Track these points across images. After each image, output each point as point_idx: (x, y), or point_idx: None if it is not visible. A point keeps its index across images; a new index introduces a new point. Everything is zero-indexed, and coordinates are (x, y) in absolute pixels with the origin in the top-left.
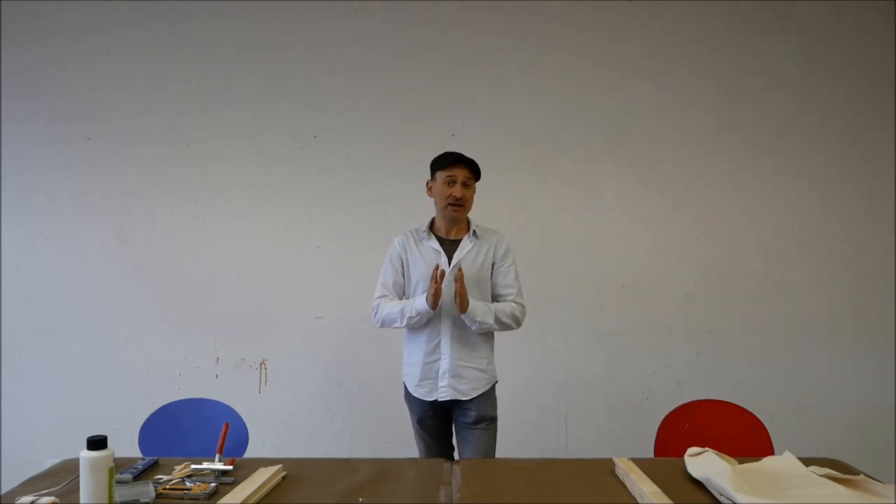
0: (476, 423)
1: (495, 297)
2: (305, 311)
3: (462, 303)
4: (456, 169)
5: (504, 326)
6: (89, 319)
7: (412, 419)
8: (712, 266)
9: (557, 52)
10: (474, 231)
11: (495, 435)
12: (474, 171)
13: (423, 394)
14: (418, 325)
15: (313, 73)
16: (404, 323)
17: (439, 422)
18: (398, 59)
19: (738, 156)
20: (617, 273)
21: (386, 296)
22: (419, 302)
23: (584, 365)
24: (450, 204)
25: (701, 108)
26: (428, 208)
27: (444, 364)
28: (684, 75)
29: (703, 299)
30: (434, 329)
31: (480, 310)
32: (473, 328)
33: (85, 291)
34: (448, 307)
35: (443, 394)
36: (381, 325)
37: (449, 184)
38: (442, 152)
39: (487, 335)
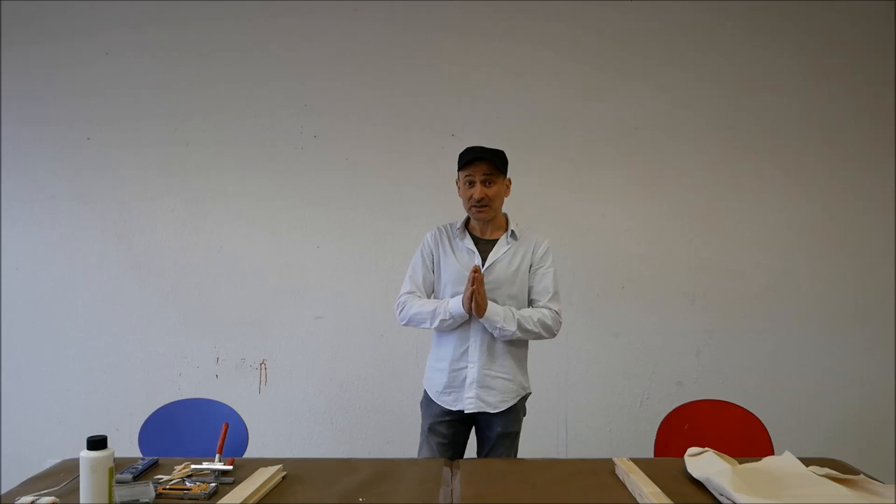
0: (499, 438)
1: (529, 302)
2: (305, 311)
3: (478, 307)
4: (473, 168)
5: (530, 335)
6: (89, 319)
7: (423, 426)
8: (712, 266)
9: (558, 53)
10: (513, 231)
11: (517, 450)
12: (498, 163)
13: (448, 402)
14: (449, 329)
15: (313, 74)
16: (435, 325)
17: (454, 430)
18: (398, 60)
19: (738, 156)
20: (617, 273)
21: (414, 292)
22: (454, 305)
23: (584, 365)
24: (472, 206)
25: (701, 108)
26: (428, 207)
27: (472, 373)
28: (684, 76)
29: (703, 299)
30: (463, 334)
31: (501, 315)
32: (495, 335)
33: (85, 292)
34: None
35: (469, 405)
36: (407, 324)
37: (469, 184)
38: (465, 148)
39: (520, 342)
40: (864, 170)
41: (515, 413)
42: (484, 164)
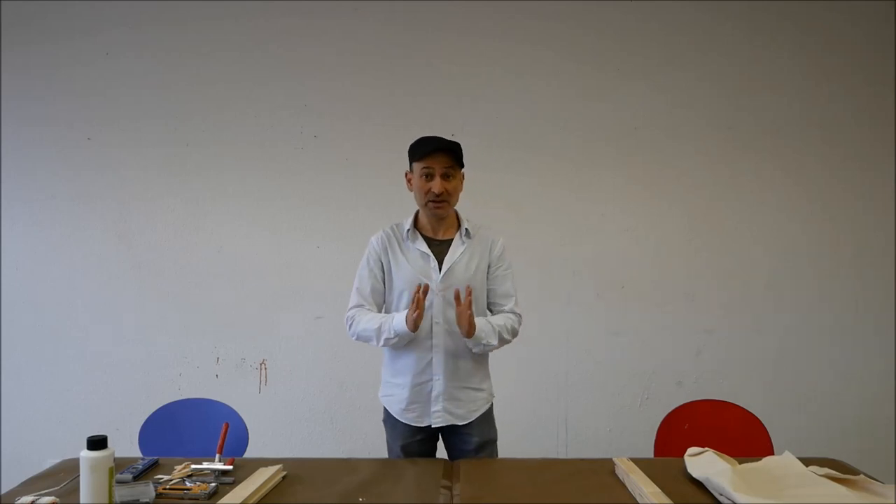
0: (478, 450)
1: (489, 305)
2: (305, 311)
3: (469, 328)
4: (432, 159)
5: (503, 343)
6: (89, 319)
7: (393, 445)
8: (712, 266)
9: (558, 53)
10: (467, 230)
11: (496, 456)
12: (457, 157)
13: (413, 419)
14: (396, 347)
15: (313, 74)
16: (381, 343)
17: (428, 447)
18: (398, 60)
19: (738, 156)
20: (617, 273)
21: (362, 306)
22: (398, 322)
23: (584, 365)
24: (430, 201)
25: (701, 108)
26: None
27: (438, 386)
28: (684, 76)
29: (703, 299)
30: (425, 345)
31: (485, 331)
32: (476, 350)
33: (85, 291)
34: (439, 318)
35: (437, 420)
36: (357, 340)
37: (426, 177)
38: (417, 138)
39: None
40: (864, 170)
41: (488, 419)
42: (444, 157)
